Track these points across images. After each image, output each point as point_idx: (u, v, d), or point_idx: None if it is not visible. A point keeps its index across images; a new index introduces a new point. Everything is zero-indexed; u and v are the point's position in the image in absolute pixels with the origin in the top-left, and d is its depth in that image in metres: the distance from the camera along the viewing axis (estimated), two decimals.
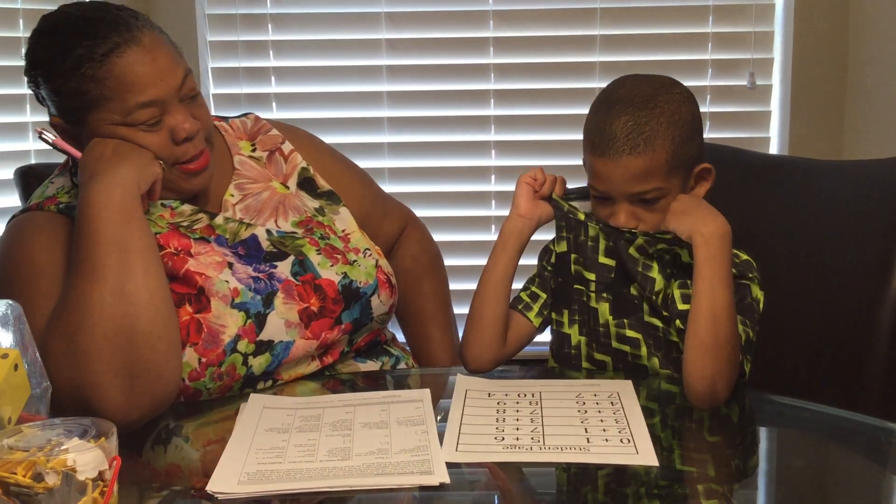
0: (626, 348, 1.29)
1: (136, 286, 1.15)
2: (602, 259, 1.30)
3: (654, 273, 1.25)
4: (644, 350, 1.28)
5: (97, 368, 1.11)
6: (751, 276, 1.25)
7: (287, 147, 1.48)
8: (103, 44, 1.20)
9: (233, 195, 1.39)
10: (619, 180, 1.22)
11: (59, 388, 1.09)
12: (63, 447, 0.75)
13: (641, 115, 1.21)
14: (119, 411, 1.10)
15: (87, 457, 0.75)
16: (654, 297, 1.25)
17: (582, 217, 1.29)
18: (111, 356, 1.12)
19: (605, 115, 1.24)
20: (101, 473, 0.76)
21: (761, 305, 1.24)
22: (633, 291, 1.28)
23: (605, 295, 1.30)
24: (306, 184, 1.46)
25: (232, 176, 1.41)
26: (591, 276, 1.30)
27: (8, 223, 1.32)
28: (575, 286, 1.32)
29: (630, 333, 1.29)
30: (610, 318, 1.30)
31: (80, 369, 1.11)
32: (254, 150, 1.46)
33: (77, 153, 1.24)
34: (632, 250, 1.26)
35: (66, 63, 1.21)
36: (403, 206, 1.66)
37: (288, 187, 1.44)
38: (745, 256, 1.27)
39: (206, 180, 1.33)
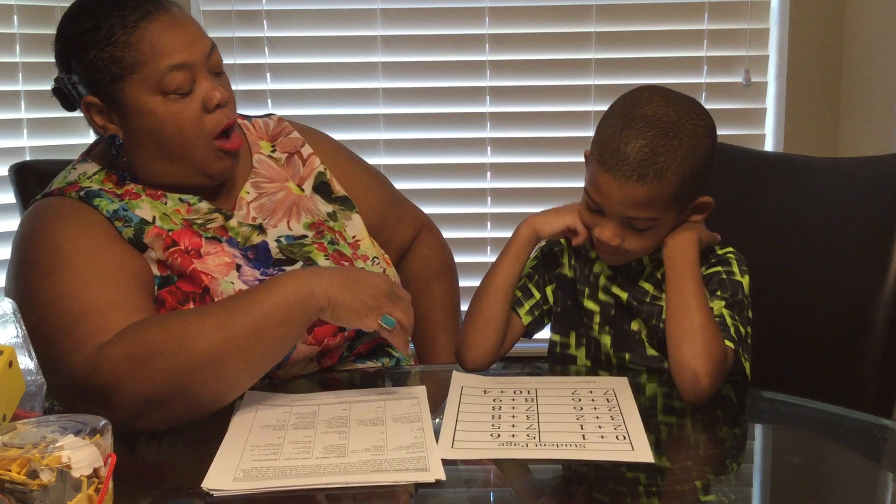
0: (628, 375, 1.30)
1: (237, 368, 1.13)
2: (602, 296, 1.30)
3: (664, 302, 1.26)
4: (645, 378, 1.29)
5: (139, 390, 1.09)
6: (744, 268, 1.26)
7: (306, 150, 1.48)
8: (134, 12, 1.24)
9: (248, 192, 1.39)
10: (617, 202, 1.19)
11: (83, 372, 1.09)
12: (58, 444, 0.75)
13: (660, 143, 1.17)
14: (121, 422, 1.07)
15: (82, 454, 0.75)
16: (661, 325, 1.25)
17: (593, 255, 1.31)
18: (158, 389, 1.09)
19: (622, 131, 1.18)
20: (96, 470, 0.75)
21: (747, 289, 1.25)
22: (634, 327, 1.29)
23: (607, 328, 1.31)
24: (321, 188, 1.46)
25: (249, 174, 1.41)
26: (596, 308, 1.31)
27: (28, 206, 1.32)
28: (582, 311, 1.32)
29: (631, 367, 1.30)
30: (611, 350, 1.31)
31: (123, 379, 1.09)
32: (273, 151, 1.46)
33: None
34: (643, 283, 1.28)
35: (100, 34, 1.24)
36: (419, 212, 1.66)
37: (303, 190, 1.44)
38: (729, 248, 1.28)
39: (234, 166, 1.33)
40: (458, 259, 1.69)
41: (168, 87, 1.24)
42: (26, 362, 0.93)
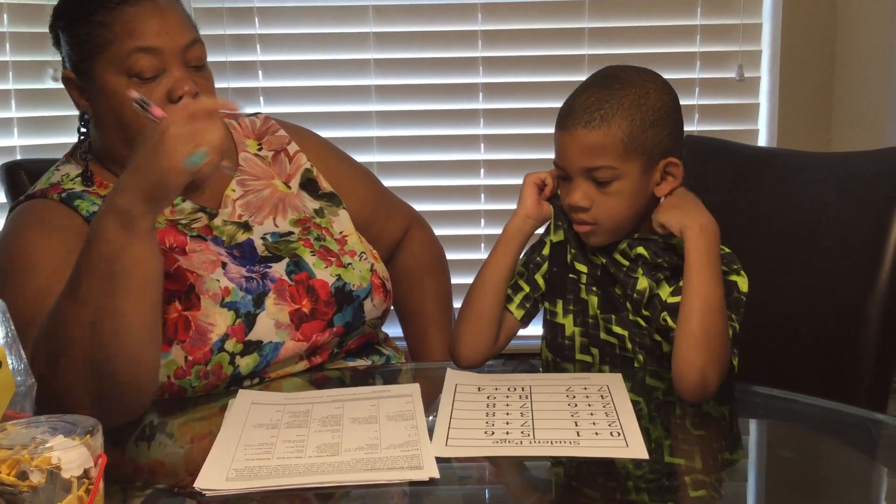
0: (614, 341, 1.30)
1: (121, 321, 1.08)
2: (590, 256, 1.30)
3: (638, 274, 1.26)
4: (630, 345, 1.28)
5: (74, 392, 1.08)
6: (735, 267, 1.25)
7: (293, 148, 1.48)
8: None
9: (234, 190, 1.39)
10: (573, 154, 1.23)
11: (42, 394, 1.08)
12: (47, 445, 0.75)
13: (605, 93, 1.22)
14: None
15: (72, 454, 0.74)
16: (634, 296, 1.25)
17: None
18: (88, 382, 1.09)
19: (574, 94, 1.26)
20: (86, 471, 0.75)
21: (743, 287, 1.24)
22: (618, 291, 1.28)
23: (594, 289, 1.30)
24: (308, 185, 1.46)
25: (235, 172, 1.41)
26: (584, 269, 1.31)
27: (11, 209, 1.33)
28: (570, 276, 1.32)
29: (616, 329, 1.29)
30: (598, 311, 1.30)
31: (59, 392, 1.08)
32: (260, 149, 1.46)
33: (161, 113, 1.13)
34: (616, 255, 1.28)
35: (82, 11, 1.26)
36: (408, 207, 1.66)
37: (290, 187, 1.44)
38: (726, 249, 1.27)
39: None
40: (451, 256, 1.69)
41: (132, 69, 1.25)
42: (15, 363, 0.92)
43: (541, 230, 1.36)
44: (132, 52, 1.24)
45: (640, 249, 1.26)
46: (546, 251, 1.35)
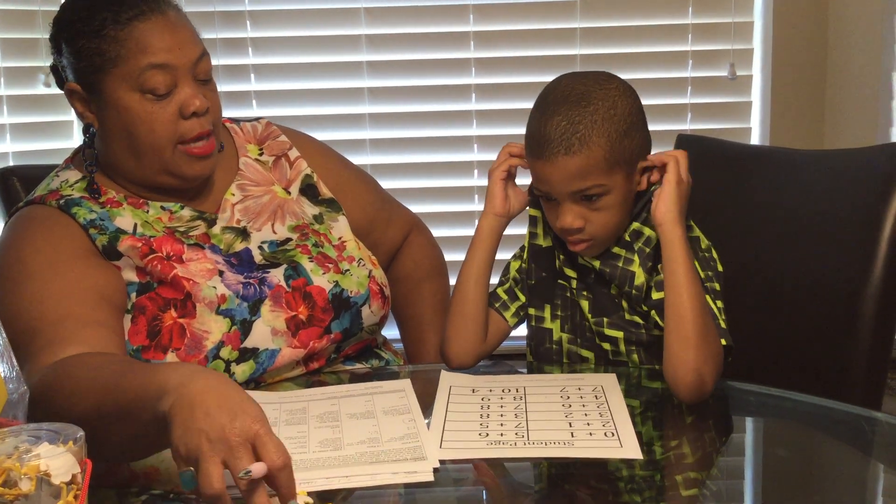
0: (607, 345, 1.29)
1: (106, 439, 0.96)
2: (581, 260, 1.30)
3: (635, 267, 1.25)
4: (623, 346, 1.28)
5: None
6: (691, 223, 1.26)
7: (294, 153, 1.48)
8: (129, 9, 1.24)
9: (233, 195, 1.39)
10: (558, 181, 1.21)
11: (30, 387, 1.06)
12: (34, 452, 0.75)
13: (574, 114, 1.20)
14: None
15: (60, 461, 0.74)
16: (633, 292, 1.25)
17: None
18: None
19: (540, 117, 1.23)
20: (73, 477, 0.75)
21: (703, 243, 1.27)
22: (613, 291, 1.28)
23: (585, 293, 1.30)
24: (308, 190, 1.46)
25: (235, 176, 1.41)
26: (573, 274, 1.30)
27: (10, 214, 1.33)
28: (559, 281, 1.31)
29: (609, 332, 1.28)
30: (589, 315, 1.29)
31: (40, 407, 1.01)
32: (261, 154, 1.46)
33: None
34: (615, 248, 1.27)
35: (91, 25, 1.24)
36: (409, 212, 1.66)
37: (290, 193, 1.44)
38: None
39: (208, 169, 1.32)
40: (446, 257, 1.69)
41: (146, 86, 1.24)
42: (7, 371, 0.92)
43: (524, 230, 1.36)
44: (146, 68, 1.23)
45: (636, 225, 1.26)
46: (525, 255, 1.35)
